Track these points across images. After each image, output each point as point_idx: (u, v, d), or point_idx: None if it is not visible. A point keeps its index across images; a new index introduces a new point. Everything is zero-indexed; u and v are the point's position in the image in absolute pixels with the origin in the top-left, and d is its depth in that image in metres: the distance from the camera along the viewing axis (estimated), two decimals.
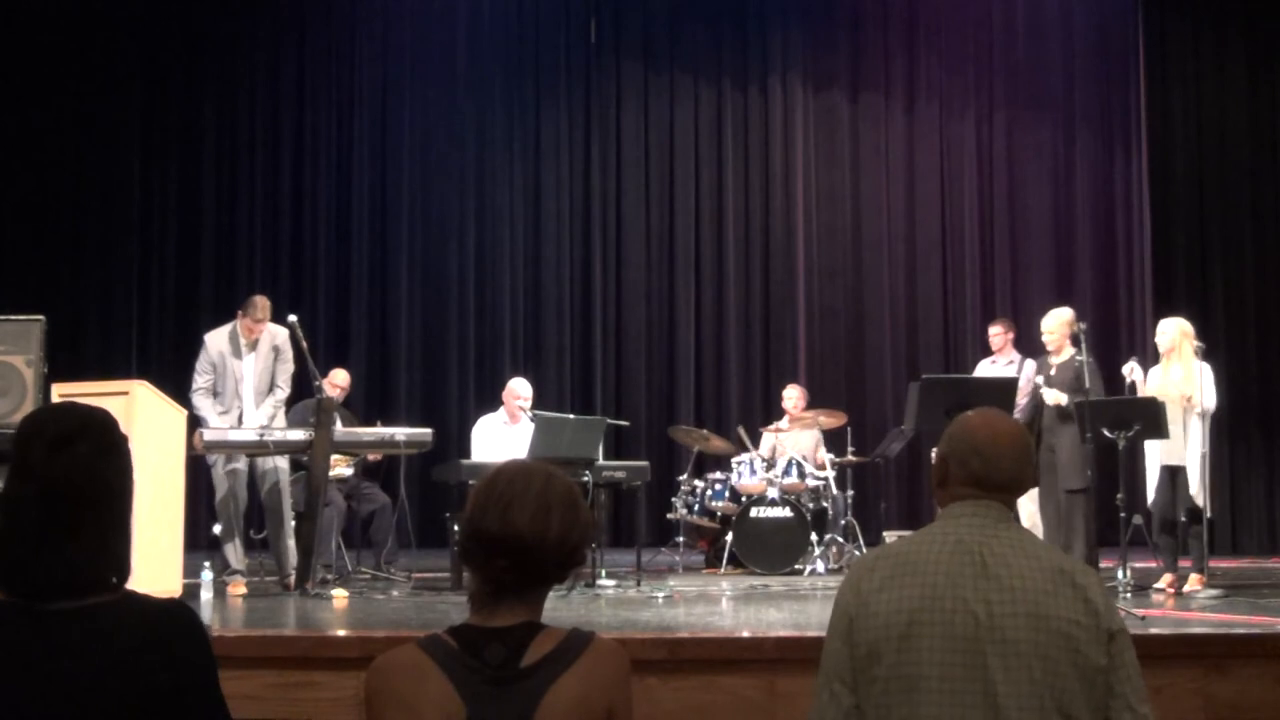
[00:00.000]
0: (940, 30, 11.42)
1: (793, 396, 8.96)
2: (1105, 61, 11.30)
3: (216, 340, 6.96)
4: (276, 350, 6.96)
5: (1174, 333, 6.73)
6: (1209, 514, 6.57)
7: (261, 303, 6.97)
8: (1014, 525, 2.27)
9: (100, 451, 1.87)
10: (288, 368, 7.03)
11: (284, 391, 7.04)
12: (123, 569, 1.88)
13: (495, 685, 1.89)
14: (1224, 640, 4.45)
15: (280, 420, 6.98)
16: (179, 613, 1.89)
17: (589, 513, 2.06)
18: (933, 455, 2.53)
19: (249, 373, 6.93)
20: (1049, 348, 7.16)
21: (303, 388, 7.48)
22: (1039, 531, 8.20)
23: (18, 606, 1.80)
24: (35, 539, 1.80)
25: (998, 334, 8.28)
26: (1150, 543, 7.03)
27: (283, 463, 6.87)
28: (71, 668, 1.76)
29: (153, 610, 1.86)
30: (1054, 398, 6.91)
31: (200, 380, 6.90)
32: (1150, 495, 6.76)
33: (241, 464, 6.81)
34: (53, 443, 1.83)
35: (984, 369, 8.23)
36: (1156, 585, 6.54)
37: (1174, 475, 6.59)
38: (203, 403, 6.86)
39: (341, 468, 7.99)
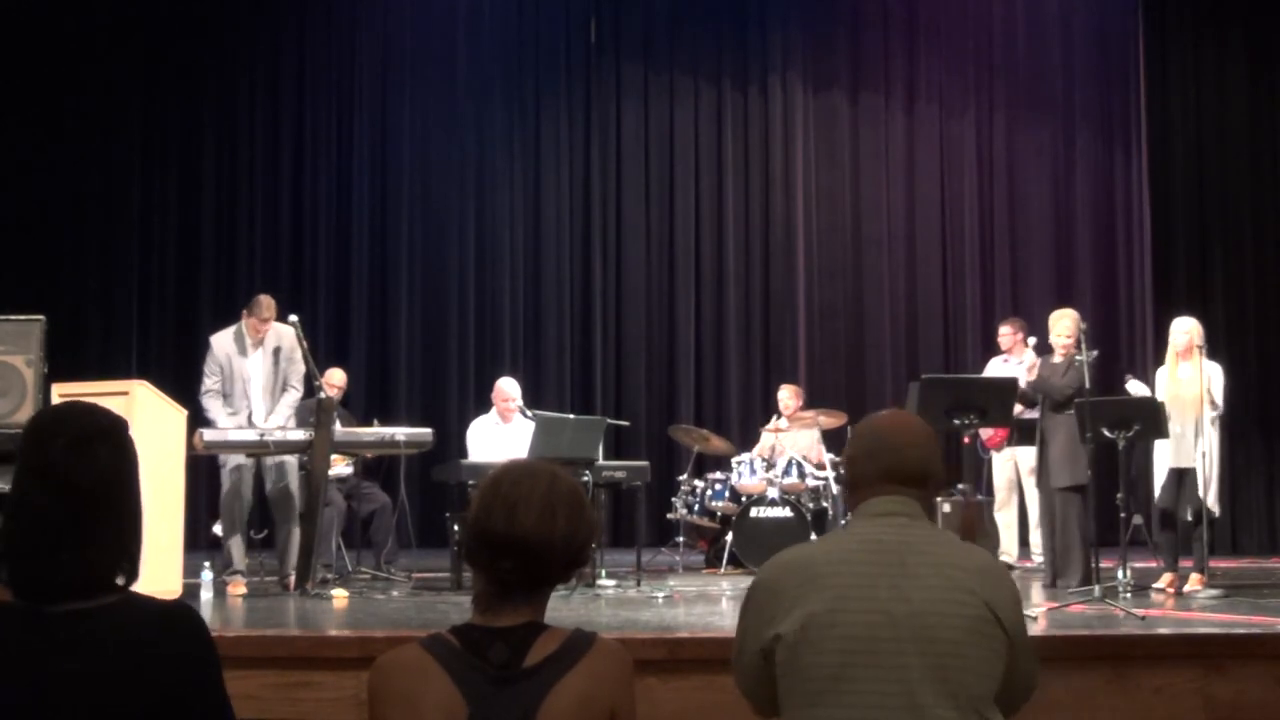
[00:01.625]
0: (940, 30, 11.41)
1: (784, 397, 8.96)
2: (1105, 61, 11.29)
3: (222, 341, 6.96)
4: (278, 350, 6.95)
5: (1192, 333, 6.72)
6: (1216, 514, 6.57)
7: (267, 301, 6.97)
8: (931, 523, 2.27)
9: (116, 452, 1.89)
10: (298, 368, 7.02)
11: (297, 392, 7.04)
12: (134, 569, 1.89)
13: (498, 685, 1.89)
14: (1224, 640, 4.45)
15: (292, 420, 6.98)
16: (182, 614, 1.89)
17: (594, 513, 2.06)
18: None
19: (256, 372, 6.93)
20: (1060, 349, 7.04)
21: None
22: (1013, 539, 8.24)
23: (21, 609, 1.80)
24: (54, 539, 1.80)
25: (1007, 334, 8.28)
26: (1150, 542, 7.04)
27: (291, 461, 6.86)
28: (75, 670, 1.76)
29: (156, 612, 1.86)
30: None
31: (208, 382, 6.89)
32: (1156, 494, 6.77)
33: (248, 463, 6.80)
34: (73, 443, 1.84)
35: (995, 368, 8.21)
36: (1156, 585, 6.54)
37: (1180, 477, 6.59)
38: (213, 404, 6.85)
39: (340, 466, 7.99)
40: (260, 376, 6.94)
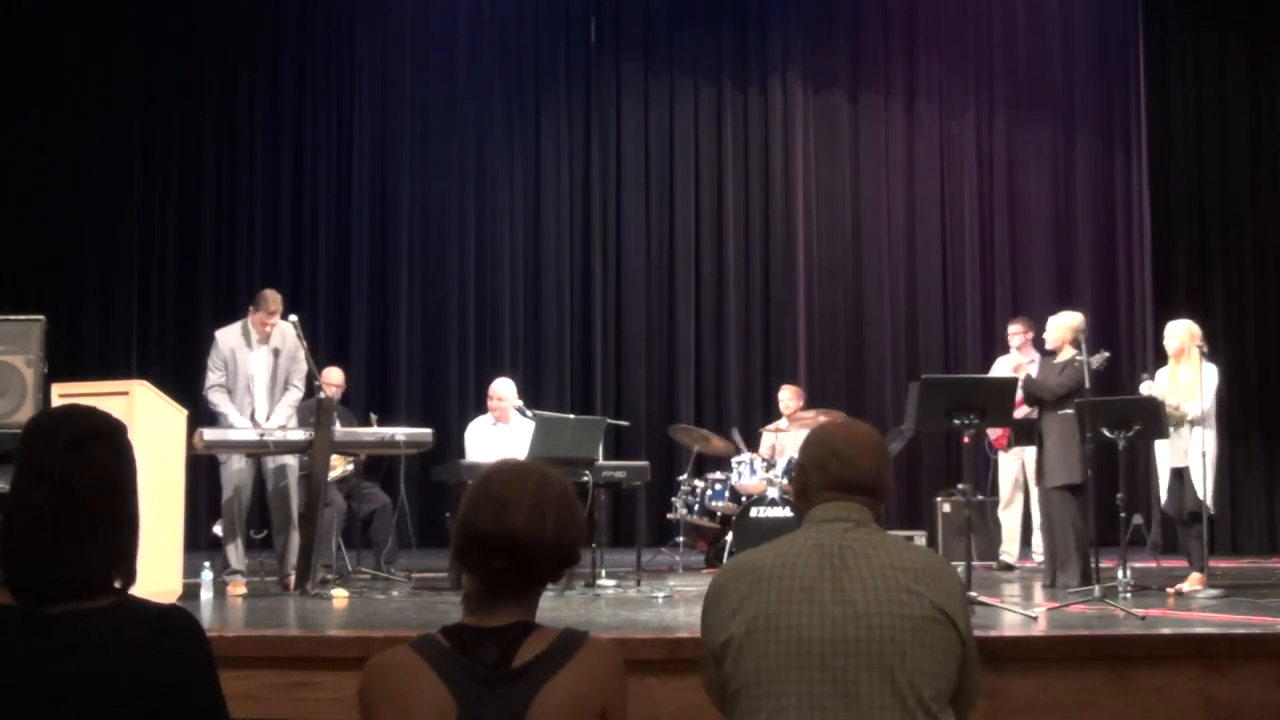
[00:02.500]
0: (940, 30, 11.41)
1: (785, 398, 8.96)
2: (1105, 61, 11.29)
3: (227, 337, 6.95)
4: (278, 351, 6.94)
5: (1182, 335, 6.74)
6: (1211, 512, 6.57)
7: (273, 296, 6.96)
8: (876, 528, 2.29)
9: (114, 455, 1.89)
10: (300, 367, 7.02)
11: (299, 391, 7.03)
12: (131, 572, 1.89)
13: (488, 685, 1.89)
14: (1224, 640, 4.45)
15: (293, 420, 6.98)
16: (178, 617, 1.89)
17: (584, 512, 2.07)
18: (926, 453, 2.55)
19: (260, 369, 6.92)
20: (1048, 345, 7.17)
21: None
22: (1016, 539, 8.23)
23: (18, 610, 1.80)
24: (50, 539, 1.81)
25: (1017, 332, 8.27)
26: (1151, 543, 7.05)
27: (292, 461, 6.86)
28: (72, 672, 1.77)
29: (152, 614, 1.86)
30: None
31: (213, 377, 6.88)
32: (1163, 497, 6.80)
33: (247, 463, 6.80)
34: (70, 444, 1.85)
35: (1002, 367, 8.20)
36: (1183, 586, 6.49)
37: (1180, 477, 6.62)
38: (219, 398, 6.84)
39: (343, 467, 8.00)
40: (264, 374, 6.93)
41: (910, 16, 11.43)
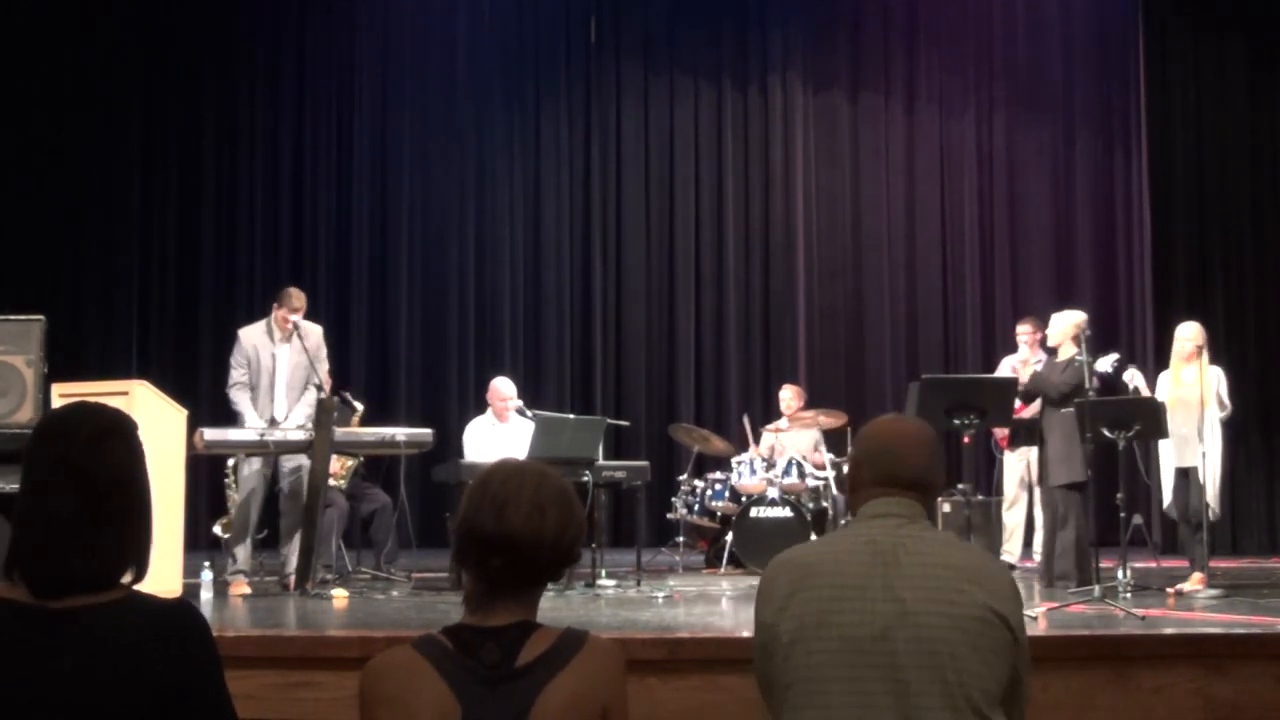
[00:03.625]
0: (940, 30, 11.41)
1: (786, 398, 8.96)
2: (1105, 61, 11.29)
3: (251, 335, 6.94)
4: (304, 350, 6.87)
5: (1197, 338, 6.77)
6: (1217, 514, 6.58)
7: (296, 294, 6.95)
8: (928, 524, 2.28)
9: (131, 448, 1.94)
10: (324, 366, 7.00)
11: (317, 393, 6.98)
12: (144, 564, 1.92)
13: (490, 685, 1.89)
14: (1224, 640, 4.45)
15: (309, 421, 6.93)
16: (184, 612, 1.90)
17: (583, 511, 2.07)
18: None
19: (283, 367, 6.90)
20: (1049, 344, 7.20)
21: None
22: (1019, 539, 8.23)
23: (24, 606, 1.81)
24: (72, 533, 1.83)
25: (1025, 332, 8.26)
26: (1151, 543, 7.05)
27: (307, 463, 6.83)
28: (78, 667, 1.77)
29: (157, 610, 1.87)
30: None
31: (236, 375, 6.86)
32: (1166, 497, 6.81)
33: (265, 463, 6.78)
34: (91, 438, 1.88)
35: (1008, 367, 8.19)
36: (1184, 585, 6.50)
37: (1185, 477, 6.63)
38: (240, 397, 6.83)
39: (349, 467, 8.01)
40: (286, 372, 6.90)
41: (910, 16, 11.43)
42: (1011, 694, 2.17)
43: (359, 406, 8.18)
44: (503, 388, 8.03)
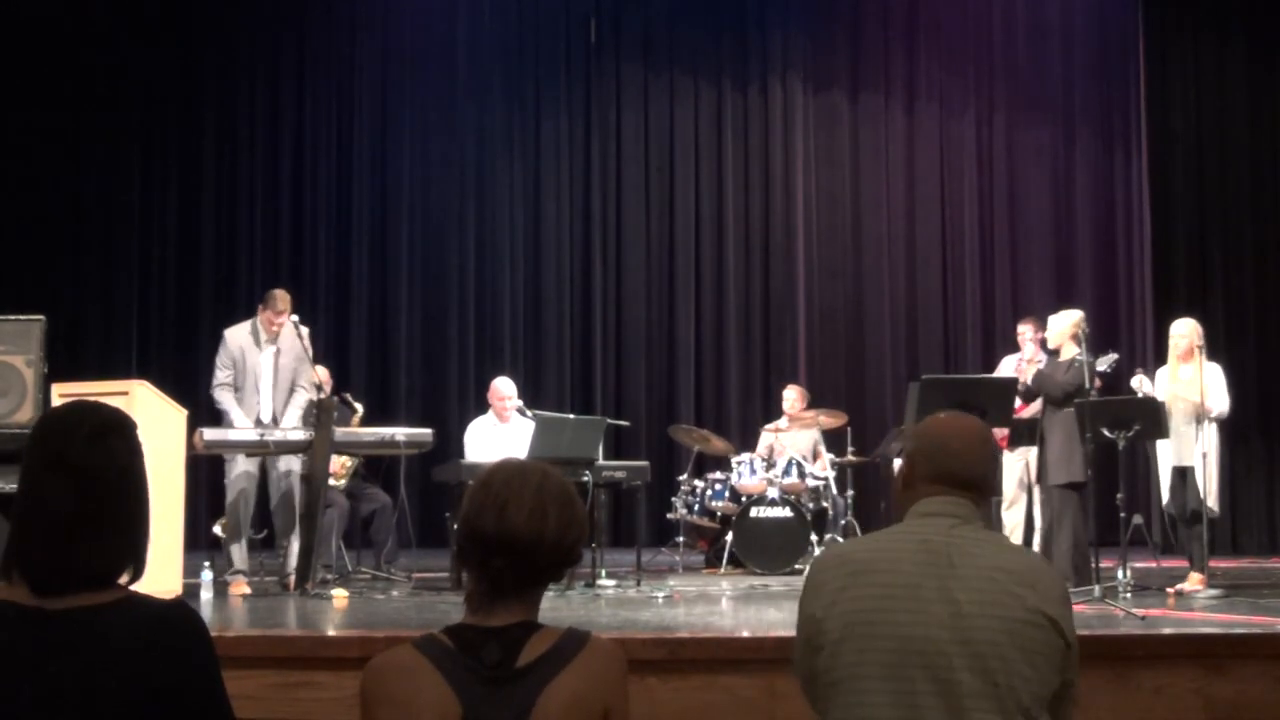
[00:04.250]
0: (940, 30, 11.41)
1: (790, 397, 8.95)
2: (1105, 61, 11.29)
3: (237, 335, 6.94)
4: (283, 351, 6.90)
5: (1191, 335, 6.75)
6: (1215, 512, 6.58)
7: (281, 296, 6.94)
8: (980, 525, 2.26)
9: (130, 446, 1.94)
10: (307, 369, 7.01)
11: (307, 394, 7.00)
12: (142, 563, 1.92)
13: (491, 685, 1.89)
14: (1224, 640, 4.45)
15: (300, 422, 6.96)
16: (181, 613, 1.90)
17: (585, 511, 2.06)
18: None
19: (268, 369, 6.90)
20: (1049, 345, 7.19)
21: None
22: (1018, 539, 8.21)
23: (22, 606, 1.81)
24: (72, 531, 1.83)
25: (1027, 332, 8.24)
26: (1152, 543, 7.06)
27: (296, 463, 6.85)
28: (75, 668, 1.77)
29: (155, 611, 1.87)
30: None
31: (221, 375, 6.86)
32: (1164, 496, 6.81)
33: (254, 464, 6.79)
34: (90, 436, 1.88)
35: (1009, 365, 8.18)
36: (1184, 585, 6.50)
37: (1183, 476, 6.62)
38: (224, 397, 6.82)
39: (349, 467, 8.01)
40: (272, 373, 6.91)
41: (910, 17, 11.42)
42: (1060, 698, 2.15)
43: (359, 408, 8.18)
44: (503, 387, 8.03)
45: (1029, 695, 2.08)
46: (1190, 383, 6.64)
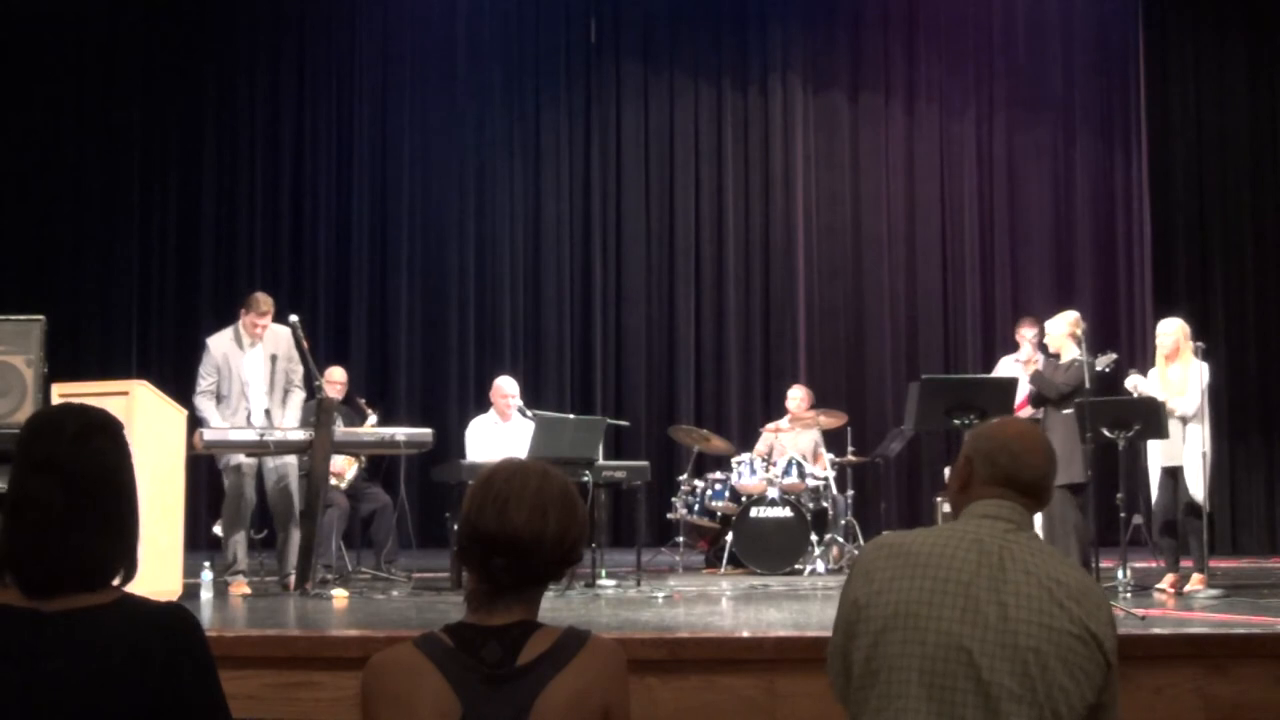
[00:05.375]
0: (940, 30, 11.42)
1: (796, 397, 8.92)
2: (1105, 61, 11.30)
3: (219, 343, 6.92)
4: (275, 355, 6.91)
5: (1176, 335, 6.75)
6: (1208, 510, 6.58)
7: (263, 299, 6.93)
8: (1033, 533, 2.25)
9: (116, 447, 1.93)
10: (298, 369, 7.01)
11: (301, 393, 7.01)
12: (132, 566, 1.91)
13: (491, 683, 1.89)
14: (1224, 640, 4.45)
15: (297, 422, 6.96)
16: (177, 615, 1.90)
17: (585, 511, 2.06)
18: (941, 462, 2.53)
19: (255, 372, 6.89)
20: (1050, 350, 7.18)
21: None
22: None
23: (16, 609, 1.81)
24: (59, 531, 1.83)
25: (1027, 332, 8.24)
26: (1151, 543, 7.05)
27: (292, 461, 6.85)
28: (70, 670, 1.77)
29: (150, 613, 1.86)
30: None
31: (203, 384, 6.85)
32: (1153, 496, 6.78)
33: (249, 463, 6.79)
34: (76, 437, 1.88)
35: (1007, 365, 8.17)
36: (1159, 586, 6.55)
37: (1173, 476, 6.61)
38: (205, 405, 6.81)
39: (353, 468, 8.00)
40: (259, 377, 6.90)
41: (910, 16, 11.43)
42: (1098, 717, 2.14)
43: (371, 414, 8.20)
44: (506, 386, 8.05)
45: (1066, 707, 2.07)
46: (1179, 382, 6.64)
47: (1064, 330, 7.00)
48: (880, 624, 2.13)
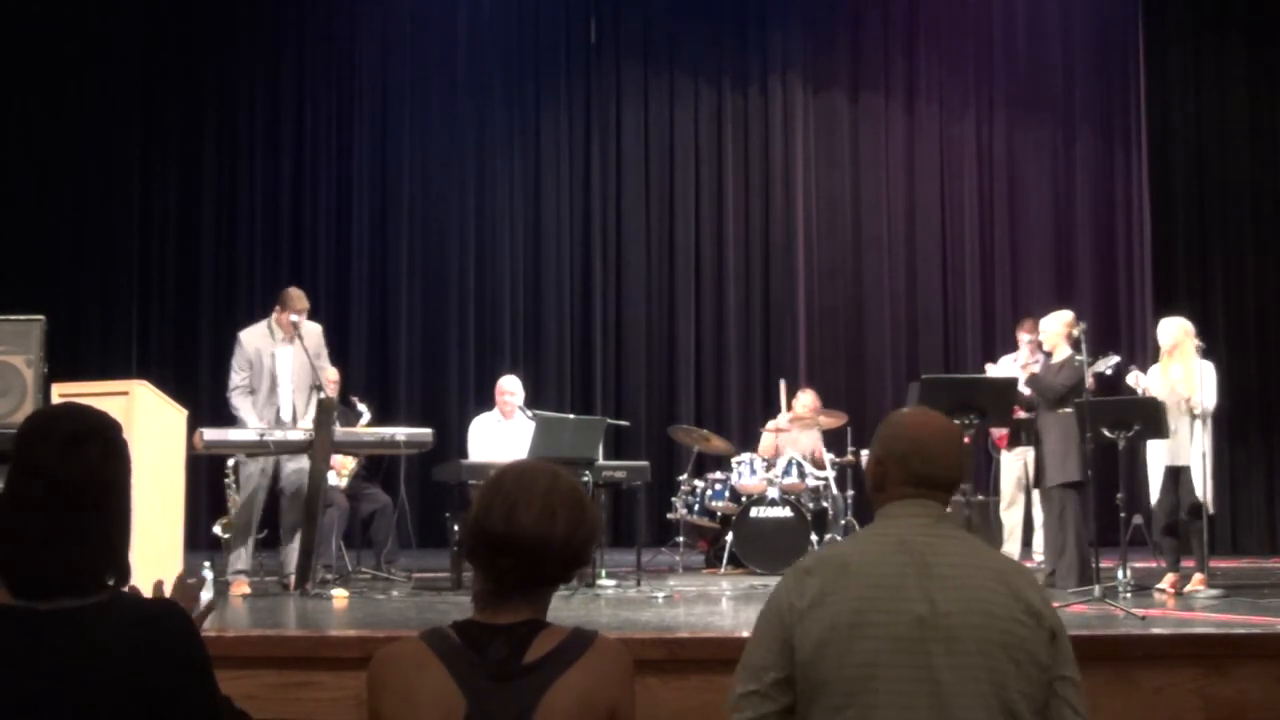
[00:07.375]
0: (940, 30, 11.41)
1: (805, 401, 8.90)
2: (1105, 61, 11.30)
3: (252, 337, 6.87)
4: (308, 350, 6.80)
5: (1176, 332, 6.75)
6: (1210, 510, 6.58)
7: (297, 294, 6.87)
8: (953, 525, 2.26)
9: (107, 453, 1.91)
10: (325, 366, 6.97)
11: (321, 392, 6.96)
12: (123, 570, 1.90)
13: (497, 681, 1.90)
14: (1224, 640, 4.45)
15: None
16: (171, 614, 1.90)
17: (595, 512, 2.06)
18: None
19: (286, 368, 6.83)
20: (1044, 348, 7.19)
21: None
22: (1017, 539, 8.23)
23: (11, 608, 1.80)
24: (42, 536, 1.82)
25: (1026, 333, 8.24)
26: (1151, 543, 7.05)
27: (308, 462, 6.80)
28: (65, 669, 1.77)
29: (145, 612, 1.86)
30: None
31: (236, 379, 6.79)
32: (1154, 496, 6.77)
33: (266, 465, 6.75)
34: (63, 442, 1.86)
35: (1006, 365, 8.18)
36: (1159, 586, 6.55)
37: (1176, 476, 6.60)
38: (241, 402, 6.76)
39: (351, 468, 8.00)
40: (291, 373, 6.83)
41: (910, 16, 11.43)
42: (1058, 696, 2.13)
43: (365, 412, 8.18)
44: (508, 385, 8.08)
45: (1018, 694, 2.07)
46: (1181, 381, 6.63)
47: (1058, 329, 7.00)
48: (817, 639, 2.12)
